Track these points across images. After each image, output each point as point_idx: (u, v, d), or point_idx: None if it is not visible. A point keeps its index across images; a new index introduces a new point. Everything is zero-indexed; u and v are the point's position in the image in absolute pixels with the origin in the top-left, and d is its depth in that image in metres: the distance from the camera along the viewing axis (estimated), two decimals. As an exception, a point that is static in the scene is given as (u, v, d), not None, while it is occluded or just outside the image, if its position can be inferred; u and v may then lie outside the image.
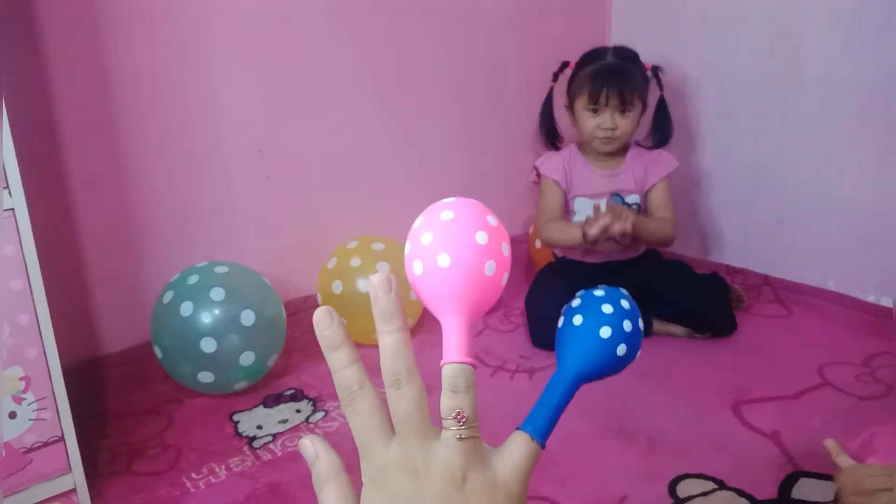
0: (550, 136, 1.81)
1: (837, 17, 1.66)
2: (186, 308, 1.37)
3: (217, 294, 1.38)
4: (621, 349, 0.50)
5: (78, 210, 1.49)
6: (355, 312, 1.59)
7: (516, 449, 0.42)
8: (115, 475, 1.26)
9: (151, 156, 1.54)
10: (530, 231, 2.03)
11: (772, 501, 1.11)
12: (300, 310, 1.76)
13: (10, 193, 1.00)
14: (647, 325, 1.66)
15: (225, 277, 1.43)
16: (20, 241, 1.02)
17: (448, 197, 0.46)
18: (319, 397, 1.48)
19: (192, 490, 1.21)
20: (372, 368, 1.40)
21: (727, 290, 1.74)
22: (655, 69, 1.74)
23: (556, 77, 1.77)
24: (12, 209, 1.01)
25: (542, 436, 0.44)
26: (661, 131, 1.77)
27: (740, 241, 1.96)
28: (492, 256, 0.42)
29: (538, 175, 1.77)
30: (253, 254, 1.65)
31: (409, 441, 0.39)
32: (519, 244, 2.06)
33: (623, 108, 1.65)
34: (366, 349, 1.89)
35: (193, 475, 1.25)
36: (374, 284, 0.41)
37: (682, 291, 1.66)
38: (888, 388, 1.41)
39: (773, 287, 1.87)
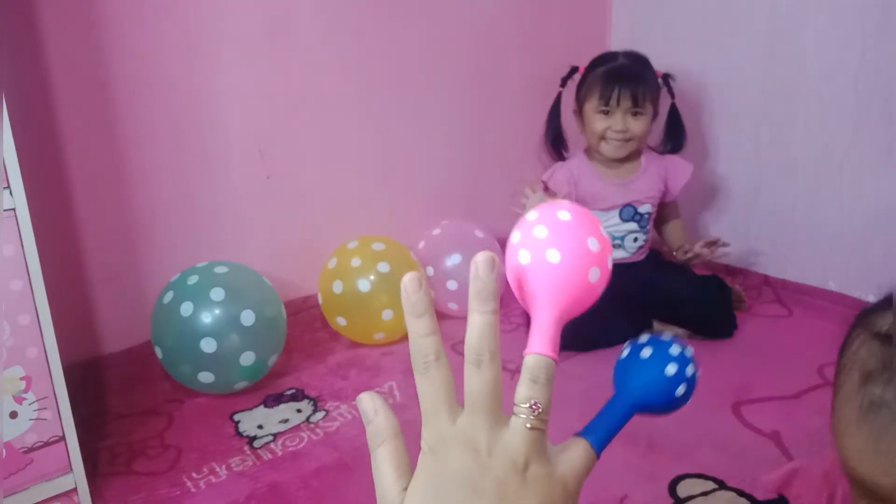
0: (556, 144, 1.77)
1: (837, 18, 1.66)
2: (187, 308, 1.37)
3: (217, 294, 1.38)
4: (680, 390, 0.53)
5: (78, 210, 1.49)
6: (355, 312, 1.60)
7: (576, 451, 0.43)
8: (115, 475, 1.26)
9: (152, 156, 1.55)
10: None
11: (772, 501, 1.11)
12: (300, 310, 1.76)
13: (10, 193, 1.00)
14: (648, 325, 1.66)
15: (225, 277, 1.43)
16: (21, 241, 1.02)
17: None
18: (320, 397, 1.48)
19: (193, 490, 1.22)
20: (371, 368, 1.41)
21: (727, 291, 1.73)
22: (666, 77, 1.73)
23: (564, 82, 1.75)
24: (13, 209, 1.01)
25: (599, 447, 0.46)
26: (675, 139, 1.76)
27: (740, 242, 1.96)
28: (598, 264, 0.44)
29: (546, 189, 1.72)
30: (253, 254, 1.65)
31: (477, 419, 0.39)
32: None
33: (635, 110, 1.64)
34: (365, 349, 1.89)
35: (194, 475, 1.25)
36: (477, 262, 0.41)
37: (683, 293, 1.65)
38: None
39: (774, 287, 1.87)
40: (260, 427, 1.38)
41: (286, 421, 1.40)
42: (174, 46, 1.52)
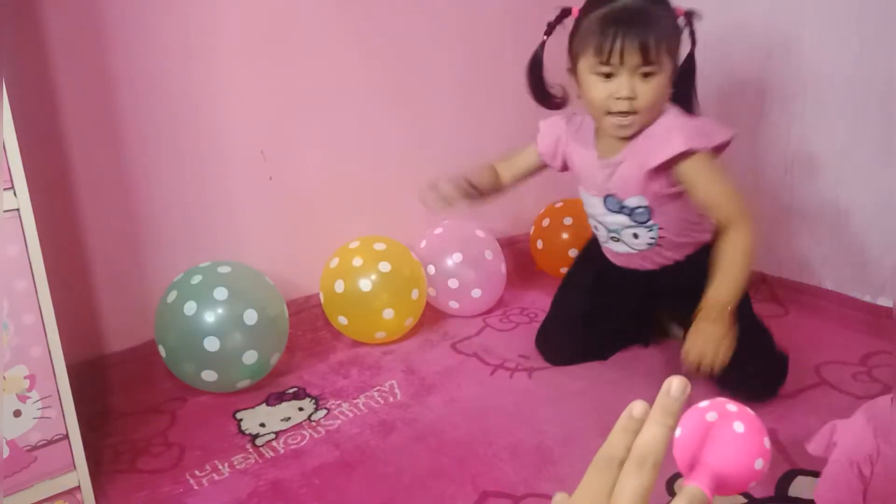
0: (542, 99, 1.38)
1: (835, 21, 1.67)
2: (190, 307, 1.39)
3: (220, 293, 1.39)
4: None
5: (82, 210, 1.50)
6: (356, 311, 1.61)
7: None
8: (118, 473, 1.27)
9: (155, 156, 1.56)
10: (531, 231, 2.04)
11: (769, 499, 1.12)
12: (302, 309, 1.77)
13: (14, 194, 1.01)
14: (654, 323, 1.59)
15: (228, 277, 1.44)
16: (25, 241, 1.03)
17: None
18: (321, 395, 1.49)
19: (196, 488, 1.23)
20: (372, 367, 1.42)
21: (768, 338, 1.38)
22: (689, 15, 1.29)
23: (551, 29, 1.33)
24: (17, 209, 1.02)
25: None
26: (682, 102, 1.33)
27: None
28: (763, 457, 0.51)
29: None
30: (256, 254, 1.67)
31: None
32: (520, 244, 2.07)
33: (646, 68, 1.19)
34: (366, 348, 1.90)
35: (197, 473, 1.27)
36: (672, 382, 0.48)
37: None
38: (885, 386, 1.42)
39: (770, 286, 1.88)
40: (262, 425, 1.39)
41: (288, 419, 1.41)
42: (177, 48, 1.53)
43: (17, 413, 1.07)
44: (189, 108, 1.57)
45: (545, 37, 1.34)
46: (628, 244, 1.38)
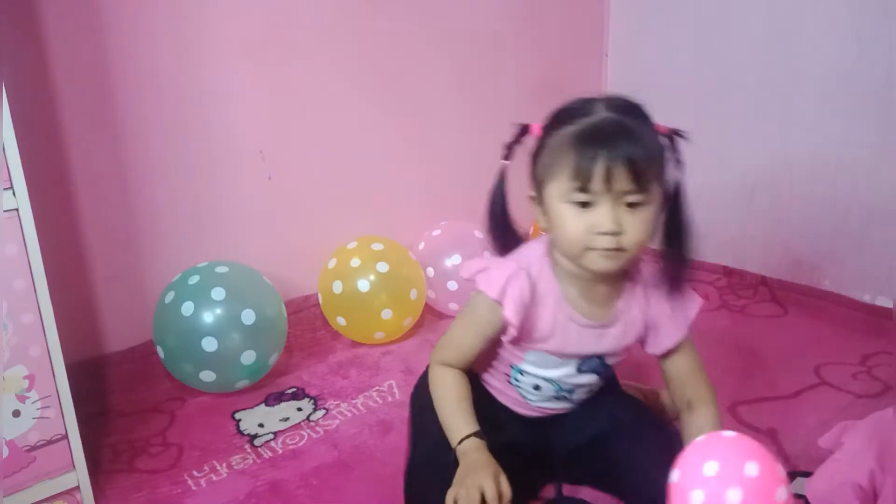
0: (505, 240, 1.08)
1: (833, 18, 1.68)
2: (188, 308, 1.39)
3: (218, 294, 1.39)
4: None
5: (81, 210, 1.50)
6: (354, 312, 1.61)
7: None
8: (117, 473, 1.27)
9: (154, 156, 1.56)
10: (529, 232, 2.04)
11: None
12: (301, 309, 1.77)
13: (14, 193, 1.01)
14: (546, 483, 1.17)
15: (225, 277, 1.44)
16: (24, 240, 1.03)
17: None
18: (320, 396, 1.49)
19: (194, 488, 1.23)
20: (371, 367, 1.42)
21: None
22: (674, 134, 1.06)
23: (510, 150, 1.06)
24: (16, 209, 1.02)
25: None
26: (678, 254, 1.07)
27: (737, 242, 1.97)
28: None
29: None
30: (254, 254, 1.66)
31: None
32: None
33: (634, 198, 0.94)
34: (365, 348, 1.89)
35: (195, 473, 1.26)
36: None
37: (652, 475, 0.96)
38: (885, 386, 1.42)
39: (770, 287, 1.88)
40: (261, 425, 1.39)
41: (287, 419, 1.41)
42: (176, 47, 1.53)
43: (17, 413, 1.07)
44: (188, 108, 1.57)
45: (505, 161, 1.07)
46: (575, 401, 1.13)
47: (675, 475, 0.51)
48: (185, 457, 1.31)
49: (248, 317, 1.40)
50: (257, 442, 1.34)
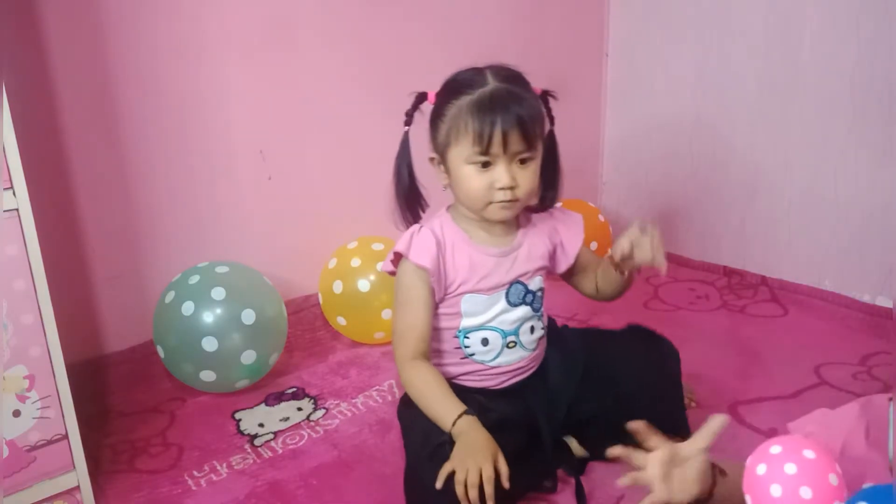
0: (412, 203, 1.19)
1: (833, 18, 1.67)
2: (188, 308, 1.39)
3: (218, 294, 1.39)
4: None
5: (82, 210, 1.50)
6: (355, 312, 1.61)
7: None
8: (117, 473, 1.27)
9: (154, 156, 1.56)
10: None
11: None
12: (301, 309, 1.77)
13: (14, 194, 1.01)
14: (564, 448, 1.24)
15: (226, 277, 1.44)
16: (24, 241, 1.03)
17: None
18: (320, 395, 1.49)
19: (194, 488, 1.23)
20: (371, 367, 1.42)
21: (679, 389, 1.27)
22: (546, 93, 1.20)
23: (410, 117, 1.20)
24: (16, 209, 1.02)
25: None
26: (551, 185, 1.21)
27: (737, 242, 1.97)
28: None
29: (396, 260, 1.18)
30: (254, 254, 1.66)
31: None
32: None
33: (525, 154, 1.09)
34: (365, 348, 1.89)
35: (195, 473, 1.26)
36: None
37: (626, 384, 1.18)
38: (885, 386, 1.42)
39: (770, 287, 1.88)
40: (261, 425, 1.39)
41: (287, 419, 1.41)
42: (176, 47, 1.53)
43: (17, 413, 1.07)
44: (188, 108, 1.57)
45: (406, 127, 1.20)
46: (525, 344, 1.20)
47: (762, 469, 0.62)
48: (185, 457, 1.31)
49: (249, 317, 1.40)
50: (257, 442, 1.34)
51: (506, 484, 0.98)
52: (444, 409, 1.08)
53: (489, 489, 0.96)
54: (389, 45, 1.81)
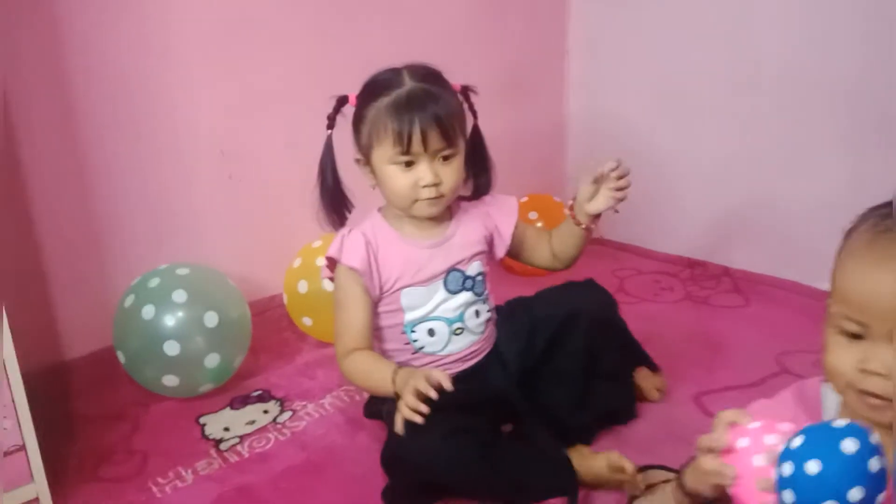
0: (337, 205, 1.23)
1: (790, 15, 1.71)
2: (148, 311, 1.36)
3: (179, 296, 1.37)
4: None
5: (37, 212, 1.46)
6: (321, 312, 1.59)
7: None
8: (81, 482, 1.24)
9: (112, 157, 1.52)
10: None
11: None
12: (266, 309, 1.75)
13: (-36, 198, 0.98)
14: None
15: (187, 279, 1.42)
16: (-24, 246, 1.00)
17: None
18: (287, 397, 1.47)
19: (159, 495, 1.20)
20: (337, 367, 1.39)
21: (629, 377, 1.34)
22: (466, 89, 1.23)
23: (332, 121, 1.23)
24: (-33, 214, 0.99)
25: None
26: (482, 175, 1.25)
27: (700, 234, 2.00)
28: None
29: (332, 266, 1.23)
30: (218, 255, 1.64)
31: None
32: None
33: (447, 150, 1.13)
34: (332, 348, 1.87)
35: (160, 480, 1.24)
36: None
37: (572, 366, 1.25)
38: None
39: (733, 277, 1.91)
40: (226, 429, 1.37)
41: (253, 422, 1.39)
42: (134, 44, 1.50)
43: (-29, 424, 1.04)
44: (146, 106, 1.54)
45: (329, 131, 1.23)
46: (472, 329, 1.23)
47: (745, 441, 0.68)
48: (149, 463, 1.29)
49: (211, 319, 1.38)
50: (223, 446, 1.32)
51: (448, 385, 1.01)
52: (381, 375, 1.11)
53: (431, 394, 1.00)
54: (350, 43, 1.79)
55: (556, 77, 2.21)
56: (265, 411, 1.43)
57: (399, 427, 1.04)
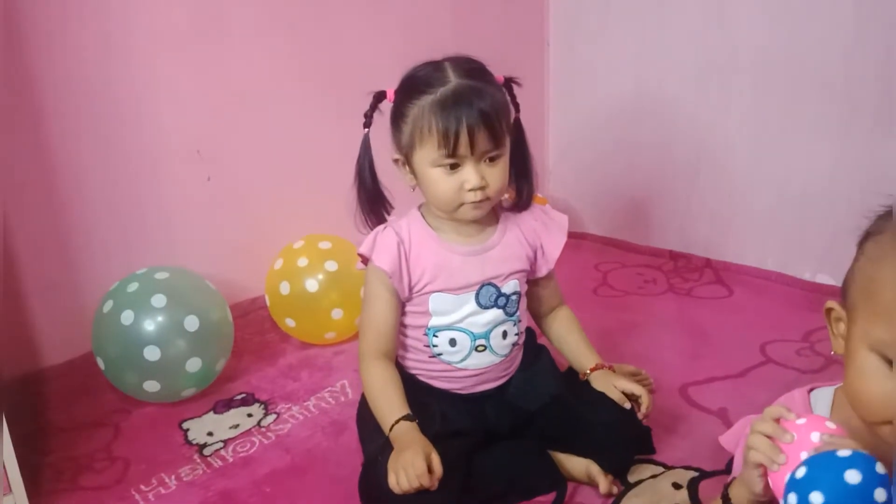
0: (375, 206, 1.18)
1: (766, 3, 1.71)
2: (127, 317, 1.34)
3: (159, 301, 1.35)
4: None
5: (7, 219, 1.43)
6: (304, 313, 1.58)
7: None
8: (60, 492, 1.22)
9: (85, 159, 1.50)
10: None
11: (719, 472, 1.14)
12: (248, 312, 1.73)
13: (-68, 205, 0.96)
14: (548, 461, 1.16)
15: (166, 283, 1.39)
16: (-54, 254, 0.98)
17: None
18: (271, 400, 1.45)
19: (142, 503, 1.18)
20: (322, 368, 1.39)
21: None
22: (510, 81, 1.15)
23: (370, 119, 1.16)
24: (-64, 221, 0.96)
25: None
26: (523, 179, 1.17)
27: (682, 225, 2.00)
28: None
29: (364, 261, 1.18)
30: (197, 258, 1.62)
31: None
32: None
33: (494, 152, 1.06)
34: (316, 349, 1.86)
35: (143, 487, 1.22)
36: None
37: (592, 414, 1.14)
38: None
39: (715, 269, 1.92)
40: (210, 434, 1.35)
41: (237, 426, 1.37)
42: (104, 44, 1.47)
43: (-55, 436, 1.01)
44: (119, 107, 1.52)
45: (366, 129, 1.17)
46: (495, 349, 1.17)
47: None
48: (131, 471, 1.26)
49: (192, 323, 1.36)
50: (206, 451, 1.30)
51: (434, 484, 0.98)
52: (389, 411, 1.09)
53: (424, 481, 0.97)
54: (327, 37, 1.77)
55: (536, 69, 2.20)
56: (249, 415, 1.41)
57: (392, 483, 0.99)
